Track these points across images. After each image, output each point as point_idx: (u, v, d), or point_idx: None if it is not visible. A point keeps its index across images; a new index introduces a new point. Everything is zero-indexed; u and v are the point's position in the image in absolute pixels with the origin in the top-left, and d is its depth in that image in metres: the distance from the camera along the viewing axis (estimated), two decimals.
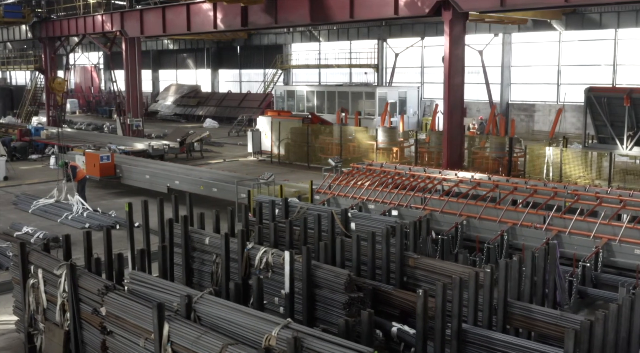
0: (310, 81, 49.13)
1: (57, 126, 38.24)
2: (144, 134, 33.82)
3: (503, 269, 9.07)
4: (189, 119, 51.34)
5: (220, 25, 26.92)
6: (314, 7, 22.96)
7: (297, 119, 30.98)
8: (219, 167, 27.38)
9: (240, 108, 47.94)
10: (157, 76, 61.79)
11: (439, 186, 15.92)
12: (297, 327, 6.50)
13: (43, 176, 26.04)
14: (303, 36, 48.33)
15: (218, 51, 55.30)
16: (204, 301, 7.34)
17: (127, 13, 31.63)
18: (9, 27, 40.29)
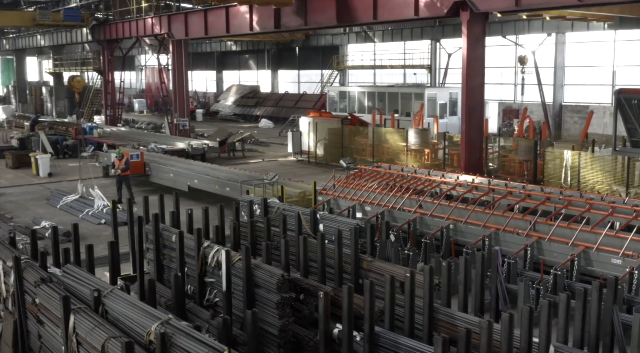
0: (366, 81, 49.13)
1: (113, 124, 39.81)
2: (190, 134, 34.67)
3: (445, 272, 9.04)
4: (247, 119, 52.28)
5: (255, 27, 27.42)
6: (340, 9, 23.10)
7: (336, 120, 31.09)
8: (254, 167, 27.82)
9: (295, 109, 48.41)
10: (220, 76, 63.14)
11: (436, 189, 15.75)
12: (175, 323, 6.70)
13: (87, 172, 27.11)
14: (359, 37, 48.39)
15: (278, 52, 56.02)
16: (112, 296, 7.64)
17: (174, 16, 32.58)
18: (70, 30, 42.12)
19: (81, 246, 11.11)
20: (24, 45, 53.34)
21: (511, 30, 38.35)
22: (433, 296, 8.50)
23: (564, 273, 11.37)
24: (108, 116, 41.13)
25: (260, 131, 44.63)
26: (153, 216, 11.88)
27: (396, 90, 41.02)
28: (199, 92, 65.21)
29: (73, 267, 8.85)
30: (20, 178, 26.68)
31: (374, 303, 7.93)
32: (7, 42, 56.72)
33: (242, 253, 9.48)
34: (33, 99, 56.12)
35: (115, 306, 7.43)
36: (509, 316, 6.81)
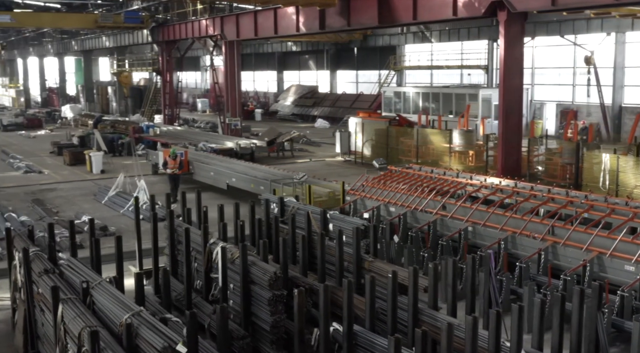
0: (423, 82, 48.80)
1: (171, 124, 40.87)
2: (241, 133, 35.25)
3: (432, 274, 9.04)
4: (305, 119, 52.72)
5: (302, 28, 27.72)
6: (381, 10, 23.14)
7: (383, 121, 31.06)
8: (300, 167, 28.12)
9: (352, 109, 48.49)
10: (281, 76, 63.82)
11: (461, 191, 15.62)
12: (145, 316, 6.98)
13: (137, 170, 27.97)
14: (416, 37, 48.10)
15: (336, 53, 56.24)
16: (99, 289, 7.99)
17: (226, 18, 33.24)
18: (132, 32, 43.49)
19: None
20: (90, 46, 55.37)
21: (569, 30, 37.43)
22: (417, 297, 8.53)
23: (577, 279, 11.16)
24: (166, 115, 42.24)
25: (316, 130, 44.96)
26: (168, 213, 12.31)
27: (450, 91, 40.65)
28: (259, 92, 66.12)
29: (74, 260, 9.27)
30: (75, 174, 27.76)
31: (352, 302, 8.03)
32: (75, 43, 58.96)
33: (240, 251, 9.72)
34: (100, 98, 58.19)
35: (100, 298, 7.78)
36: (473, 319, 6.80)
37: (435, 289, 8.71)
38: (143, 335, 6.53)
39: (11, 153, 33.43)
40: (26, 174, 27.54)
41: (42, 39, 67.60)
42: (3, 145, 37.77)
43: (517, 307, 7.07)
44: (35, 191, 23.74)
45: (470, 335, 6.73)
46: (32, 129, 46.39)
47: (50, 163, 31.15)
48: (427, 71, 48.63)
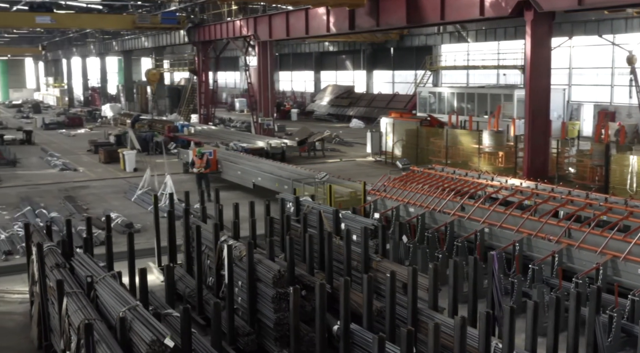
0: (459, 82, 48.45)
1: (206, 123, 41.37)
2: (274, 133, 35.49)
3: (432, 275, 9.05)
4: (340, 119, 52.80)
5: (332, 28, 27.82)
6: (410, 10, 23.12)
7: (415, 121, 30.95)
8: (329, 167, 28.22)
9: (387, 109, 48.35)
10: (318, 76, 64.01)
11: (481, 192, 15.53)
12: (141, 310, 7.16)
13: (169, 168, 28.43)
14: (452, 37, 47.78)
15: (373, 53, 56.17)
16: (102, 283, 8.22)
17: (259, 18, 33.53)
18: (170, 32, 44.15)
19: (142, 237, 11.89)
20: (130, 46, 56.37)
21: (608, 29, 36.75)
22: (417, 296, 8.56)
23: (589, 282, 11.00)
24: (202, 114, 42.76)
25: (350, 131, 45.00)
26: (184, 212, 12.55)
27: (485, 91, 40.25)
28: (296, 92, 66.42)
29: (83, 255, 9.52)
30: (109, 172, 28.34)
31: (349, 301, 8.10)
32: (116, 44, 60.11)
33: (247, 249, 9.86)
34: (139, 97, 59.19)
35: (102, 292, 8.00)
36: (462, 319, 6.82)
37: (435, 289, 8.72)
38: (135, 328, 6.71)
39: (50, 151, 34.28)
40: (62, 172, 28.22)
41: (85, 40, 69.06)
42: (43, 143, 38.74)
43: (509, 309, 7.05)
44: (68, 188, 24.32)
45: (459, 334, 6.75)
46: (73, 128, 47.42)
47: (87, 161, 31.83)
48: (463, 71, 48.26)
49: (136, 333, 6.66)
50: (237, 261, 10.28)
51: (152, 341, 6.29)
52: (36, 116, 54.44)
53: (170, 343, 6.26)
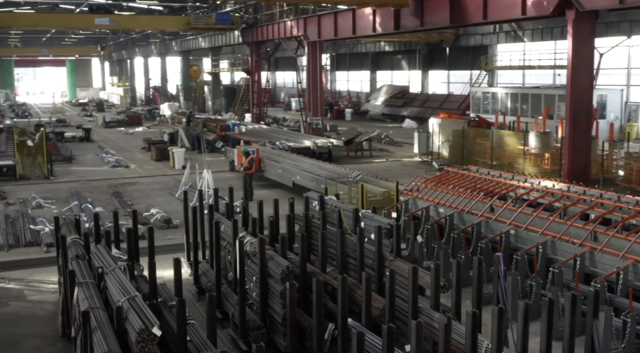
0: (515, 82, 47.67)
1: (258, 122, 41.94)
2: (323, 132, 35.72)
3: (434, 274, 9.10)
4: (394, 119, 52.69)
5: (378, 28, 27.89)
6: (453, 10, 23.01)
7: (463, 121, 30.69)
8: (373, 166, 28.30)
9: (441, 110, 48.00)
10: (374, 76, 63.94)
11: (511, 193, 15.37)
12: (139, 301, 7.47)
13: (216, 166, 28.97)
14: (508, 36, 47.03)
15: (429, 53, 55.79)
16: (111, 274, 8.58)
17: (309, 19, 33.83)
18: (225, 33, 44.95)
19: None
20: (189, 47, 57.59)
21: None
22: (417, 296, 8.63)
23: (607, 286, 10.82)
24: (254, 113, 43.37)
25: (402, 131, 44.86)
26: (209, 208, 12.90)
27: (540, 91, 39.50)
28: (352, 92, 66.53)
29: (101, 248, 9.92)
30: (158, 169, 29.10)
31: (347, 298, 8.23)
32: (176, 44, 61.50)
33: (258, 245, 10.11)
34: (197, 97, 60.39)
35: (109, 283, 8.37)
36: (447, 318, 6.87)
37: (437, 289, 8.75)
38: (130, 317, 7.02)
39: (105, 148, 35.43)
40: (113, 169, 29.15)
41: (148, 41, 70.94)
42: (101, 140, 40.04)
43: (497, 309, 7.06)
44: (117, 185, 25.12)
45: (443, 333, 6.81)
46: (132, 126, 48.78)
47: (139, 158, 32.76)
48: (519, 71, 47.46)
49: (129, 322, 6.96)
50: (252, 257, 10.54)
51: (141, 330, 6.58)
52: (98, 115, 56.22)
53: (157, 332, 6.54)
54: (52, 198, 22.32)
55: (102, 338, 6.68)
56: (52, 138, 37.23)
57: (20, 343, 10.51)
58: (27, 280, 13.73)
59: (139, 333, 6.55)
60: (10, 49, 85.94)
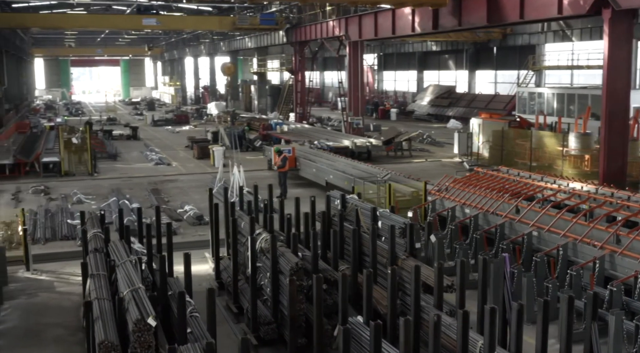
0: (563, 82, 46.79)
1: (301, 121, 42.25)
2: (363, 132, 35.76)
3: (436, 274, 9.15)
4: (439, 119, 52.35)
5: (417, 28, 27.83)
6: (490, 9, 22.85)
7: (504, 122, 30.35)
8: (411, 167, 28.26)
9: (486, 110, 47.48)
10: (421, 76, 63.60)
11: (538, 194, 15.21)
12: (141, 293, 7.74)
13: (254, 165, 29.35)
14: (556, 36, 46.21)
15: (476, 52, 55.22)
16: (121, 267, 8.89)
17: (350, 18, 33.94)
18: (270, 33, 45.43)
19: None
20: (236, 47, 58.32)
21: None
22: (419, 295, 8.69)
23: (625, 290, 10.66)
24: (297, 113, 43.70)
25: (446, 131, 44.52)
26: (228, 205, 13.17)
27: (587, 92, 38.65)
28: (399, 92, 66.33)
29: (117, 242, 10.26)
30: (199, 167, 29.65)
31: (346, 295, 8.35)
32: (224, 44, 62.35)
33: (270, 242, 10.30)
34: (244, 96, 61.13)
35: (119, 275, 8.68)
36: (437, 316, 6.93)
37: (440, 288, 8.79)
38: (130, 308, 7.30)
39: (151, 146, 36.23)
40: (155, 166, 29.81)
41: (198, 41, 72.09)
42: (147, 139, 40.95)
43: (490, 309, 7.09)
44: (157, 182, 25.71)
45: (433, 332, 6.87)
46: (179, 125, 49.69)
47: (182, 156, 33.41)
48: (567, 71, 46.57)
49: (129, 312, 7.24)
50: (266, 254, 10.73)
51: (138, 319, 6.84)
52: (148, 113, 57.43)
53: (152, 322, 6.78)
54: (93, 193, 23.01)
55: (102, 327, 6.96)
56: (100, 135, 38.36)
57: (44, 332, 10.95)
58: (59, 272, 14.23)
59: (135, 323, 6.82)
60: (67, 49, 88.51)
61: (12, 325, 11.33)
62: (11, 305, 12.23)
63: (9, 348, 10.36)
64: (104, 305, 7.64)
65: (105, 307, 7.60)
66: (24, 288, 13.17)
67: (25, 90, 71.92)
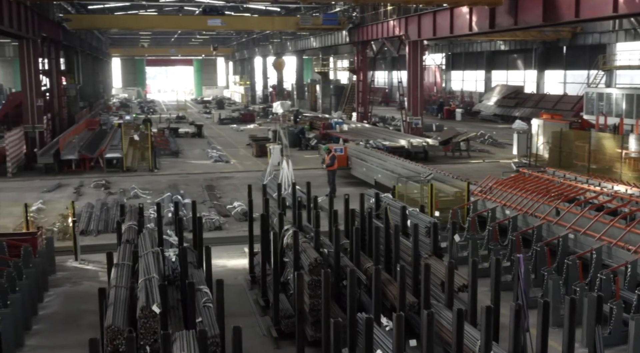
0: (635, 83, 45.25)
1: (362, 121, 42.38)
2: (422, 132, 35.60)
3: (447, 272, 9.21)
4: (506, 120, 51.44)
5: (474, 27, 27.58)
6: (546, 8, 22.45)
7: (565, 123, 29.70)
8: (466, 167, 28.01)
9: (553, 110, 46.43)
10: (489, 76, 62.64)
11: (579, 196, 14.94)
12: (154, 282, 8.13)
13: (310, 163, 29.71)
14: (628, 35, 44.71)
15: (545, 52, 53.99)
16: (144, 257, 9.32)
17: (410, 18, 33.88)
18: (333, 33, 45.74)
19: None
20: (302, 46, 58.90)
21: None
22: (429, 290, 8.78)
23: None
24: (359, 112, 43.85)
25: (510, 132, 43.68)
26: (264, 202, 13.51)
27: None
28: (466, 92, 65.53)
29: (147, 234, 10.70)
30: (256, 165, 30.19)
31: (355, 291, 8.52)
32: (290, 44, 63.06)
33: (294, 238, 10.56)
34: (309, 95, 61.67)
35: (140, 265, 9.12)
36: (429, 313, 7.03)
37: (451, 286, 8.85)
38: (140, 296, 7.70)
39: (213, 144, 37.10)
40: (214, 163, 30.56)
41: (269, 40, 73.12)
42: (211, 136, 41.92)
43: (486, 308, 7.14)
44: (213, 178, 26.38)
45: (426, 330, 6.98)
46: (244, 123, 50.61)
47: (242, 154, 34.08)
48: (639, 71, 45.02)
49: (139, 300, 7.63)
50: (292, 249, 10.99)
51: (143, 306, 7.21)
52: (216, 112, 58.73)
53: (156, 309, 7.14)
54: (150, 189, 23.82)
55: (112, 313, 7.37)
56: (166, 133, 39.59)
57: (82, 318, 11.54)
58: (104, 262, 14.82)
59: (141, 309, 7.19)
60: (142, 49, 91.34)
61: (54, 310, 11.99)
62: (56, 292, 12.93)
63: (47, 332, 10.99)
64: (120, 292, 8.06)
65: (121, 295, 8.02)
66: (70, 277, 13.88)
67: (101, 88, 74.59)
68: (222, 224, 18.54)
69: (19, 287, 10.78)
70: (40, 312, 11.82)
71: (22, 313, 10.37)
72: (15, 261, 12.18)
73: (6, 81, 79.34)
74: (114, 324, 7.08)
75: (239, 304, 12.26)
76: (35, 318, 11.43)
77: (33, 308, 11.47)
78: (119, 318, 7.28)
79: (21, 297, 10.38)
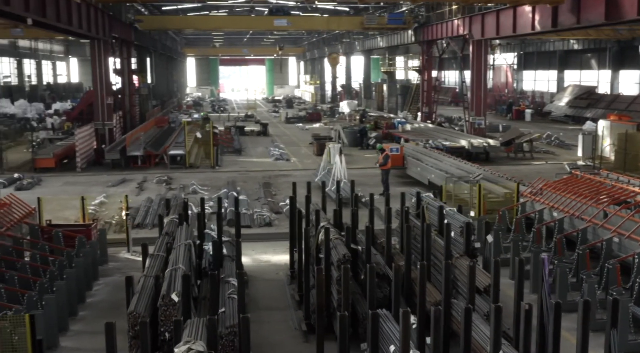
0: None
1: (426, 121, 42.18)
2: (485, 132, 35.13)
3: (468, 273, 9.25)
4: (577, 121, 50.09)
5: (537, 26, 27.14)
6: (608, 6, 21.89)
7: (632, 124, 28.79)
8: (526, 169, 27.55)
9: (627, 112, 44.98)
10: (562, 76, 61.14)
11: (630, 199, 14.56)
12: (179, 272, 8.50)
13: (369, 162, 29.80)
14: None
15: (620, 51, 52.30)
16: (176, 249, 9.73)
17: (474, 17, 33.52)
18: (398, 33, 45.65)
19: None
20: (369, 46, 58.99)
21: None
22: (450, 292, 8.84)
23: None
24: (423, 112, 43.63)
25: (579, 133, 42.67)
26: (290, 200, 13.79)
27: None
28: (538, 92, 64.13)
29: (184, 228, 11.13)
30: (315, 163, 30.36)
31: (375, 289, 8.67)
32: (358, 44, 63.24)
33: (324, 235, 10.79)
34: (376, 95, 61.66)
35: (172, 257, 9.53)
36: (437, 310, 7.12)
37: (472, 287, 8.88)
38: (164, 285, 8.08)
39: (277, 142, 37.67)
40: (275, 161, 31.08)
41: (338, 40, 73.53)
42: (276, 135, 42.57)
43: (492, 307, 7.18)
44: (271, 176, 26.87)
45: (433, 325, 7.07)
46: (310, 122, 51.10)
47: (303, 152, 34.49)
48: None
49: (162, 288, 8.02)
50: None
51: (163, 295, 7.59)
52: (284, 111, 59.47)
53: (175, 298, 7.50)
54: (209, 185, 24.50)
55: (136, 300, 7.78)
56: (232, 131, 40.46)
57: (121, 306, 12.07)
58: None
59: (161, 297, 7.57)
60: (215, 49, 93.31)
61: (100, 298, 12.61)
62: (105, 282, 13.56)
63: (91, 318, 11.58)
64: (147, 281, 8.48)
65: (148, 284, 8.43)
66: (121, 267, 14.51)
67: (175, 87, 76.65)
68: (273, 220, 18.92)
69: (66, 275, 11.39)
70: (87, 299, 12.44)
71: (67, 300, 10.95)
72: (68, 251, 12.85)
73: (86, 80, 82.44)
74: (135, 310, 7.47)
75: (277, 298, 12.59)
76: (82, 305, 12.05)
77: (80, 295, 12.07)
78: (141, 306, 7.67)
79: (66, 284, 10.97)
